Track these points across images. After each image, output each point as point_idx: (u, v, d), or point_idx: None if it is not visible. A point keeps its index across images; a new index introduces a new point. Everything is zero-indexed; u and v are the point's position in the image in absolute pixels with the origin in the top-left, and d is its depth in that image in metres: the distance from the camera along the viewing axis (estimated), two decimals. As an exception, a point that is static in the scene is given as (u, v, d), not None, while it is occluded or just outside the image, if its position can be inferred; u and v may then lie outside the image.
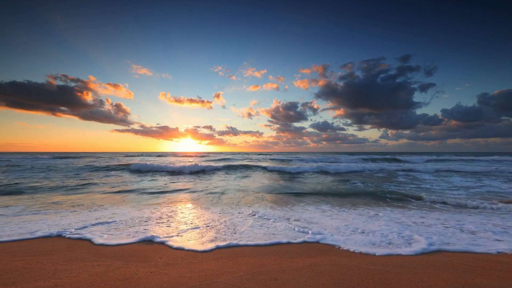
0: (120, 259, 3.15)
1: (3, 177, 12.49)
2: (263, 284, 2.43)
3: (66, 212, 5.80)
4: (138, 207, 6.36)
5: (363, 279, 2.49)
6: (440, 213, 5.60)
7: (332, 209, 6.07)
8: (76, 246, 3.64)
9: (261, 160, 29.47)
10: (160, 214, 5.57)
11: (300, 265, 2.90)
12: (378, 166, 18.42)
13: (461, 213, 5.66)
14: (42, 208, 6.24)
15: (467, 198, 7.28)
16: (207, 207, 6.40)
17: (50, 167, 17.64)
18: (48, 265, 2.92)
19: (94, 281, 2.51)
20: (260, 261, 3.06)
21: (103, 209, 6.05)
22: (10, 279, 2.54)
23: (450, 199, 6.97)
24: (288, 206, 6.44)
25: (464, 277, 2.55)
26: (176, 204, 6.75)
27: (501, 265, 2.89)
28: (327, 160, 30.23)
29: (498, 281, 2.47)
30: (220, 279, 2.54)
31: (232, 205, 6.56)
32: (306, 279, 2.52)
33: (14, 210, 5.97)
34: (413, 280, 2.48)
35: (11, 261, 3.04)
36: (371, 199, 7.42)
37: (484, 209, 6.02)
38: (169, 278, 2.57)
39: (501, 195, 8.03)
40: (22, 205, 6.53)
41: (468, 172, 15.44)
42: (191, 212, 5.85)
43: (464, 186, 9.86)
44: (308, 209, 6.15)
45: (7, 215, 5.49)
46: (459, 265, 2.90)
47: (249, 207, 6.31)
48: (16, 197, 7.76)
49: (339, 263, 2.91)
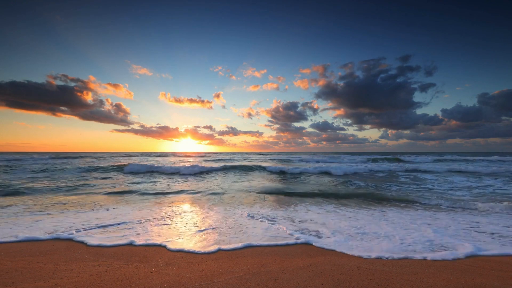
0: (120, 259, 3.14)
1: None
2: (263, 284, 2.43)
3: (68, 212, 5.80)
4: (139, 207, 6.36)
5: (363, 279, 2.49)
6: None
7: (337, 210, 6.07)
8: (76, 246, 3.64)
9: (262, 161, 29.44)
10: (160, 215, 5.57)
11: (300, 265, 2.90)
12: (386, 167, 17.89)
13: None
14: (42, 209, 6.24)
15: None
16: (208, 208, 6.40)
17: (48, 167, 17.61)
18: (48, 265, 2.92)
19: (94, 281, 2.51)
20: (260, 261, 3.06)
21: (103, 210, 6.04)
22: (10, 279, 2.54)
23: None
24: (291, 207, 6.42)
25: (464, 277, 2.55)
26: (177, 205, 6.74)
27: (501, 265, 2.90)
28: (329, 160, 29.93)
29: (498, 281, 2.47)
30: (220, 279, 2.54)
31: (234, 205, 6.56)
32: (306, 279, 2.51)
33: (14, 210, 5.97)
34: (413, 280, 2.48)
35: (11, 261, 3.04)
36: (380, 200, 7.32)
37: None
38: (169, 278, 2.57)
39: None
40: (21, 205, 6.53)
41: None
42: (192, 213, 5.85)
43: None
44: (310, 209, 6.14)
45: (4, 216, 5.49)
46: (459, 265, 2.90)
47: (251, 207, 6.31)
48: (14, 198, 7.76)
49: (339, 263, 2.91)
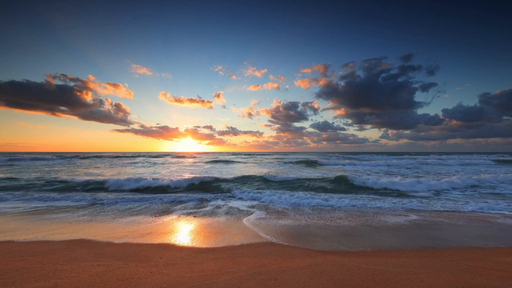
0: (120, 259, 3.14)
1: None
2: (263, 284, 2.42)
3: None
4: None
5: (363, 279, 2.49)
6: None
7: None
8: (76, 246, 3.64)
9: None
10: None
11: (300, 265, 2.90)
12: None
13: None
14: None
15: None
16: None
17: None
18: (48, 265, 2.92)
19: (94, 281, 2.51)
20: (260, 261, 3.06)
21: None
22: (10, 279, 2.53)
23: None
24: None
25: (464, 277, 2.54)
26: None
27: (501, 265, 2.90)
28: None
29: (498, 281, 2.47)
30: (220, 279, 2.54)
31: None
32: (306, 279, 2.51)
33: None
34: (413, 280, 2.48)
35: (11, 261, 3.04)
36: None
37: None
38: (169, 278, 2.56)
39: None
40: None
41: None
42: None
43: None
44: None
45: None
46: (459, 265, 2.90)
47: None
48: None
49: (339, 263, 2.91)
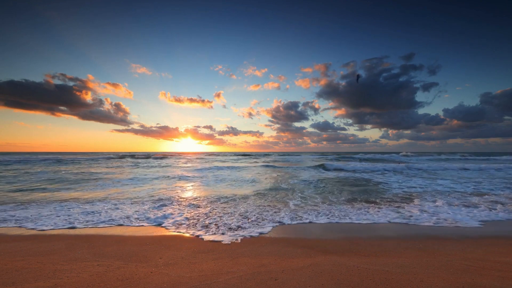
0: (120, 259, 3.14)
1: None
2: (263, 284, 2.42)
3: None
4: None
5: (363, 279, 2.48)
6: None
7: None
8: (76, 246, 3.64)
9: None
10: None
11: (300, 265, 2.89)
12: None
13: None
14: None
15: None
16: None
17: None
18: (48, 265, 2.92)
19: (94, 281, 2.51)
20: (260, 261, 3.06)
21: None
22: (10, 279, 2.53)
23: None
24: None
25: (464, 277, 2.54)
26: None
27: (501, 265, 2.89)
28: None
29: (498, 281, 2.46)
30: (220, 279, 2.54)
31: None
32: (306, 279, 2.51)
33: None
34: (413, 280, 2.48)
35: (11, 261, 3.04)
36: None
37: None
38: (169, 278, 2.56)
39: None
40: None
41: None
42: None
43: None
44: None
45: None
46: (459, 265, 2.90)
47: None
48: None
49: (339, 263, 2.91)
